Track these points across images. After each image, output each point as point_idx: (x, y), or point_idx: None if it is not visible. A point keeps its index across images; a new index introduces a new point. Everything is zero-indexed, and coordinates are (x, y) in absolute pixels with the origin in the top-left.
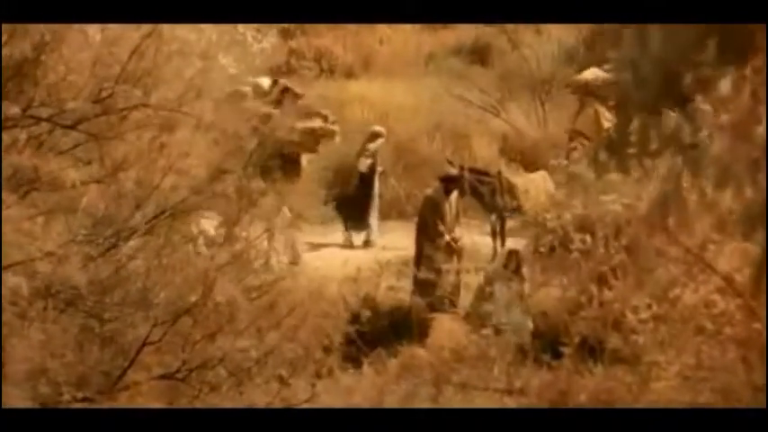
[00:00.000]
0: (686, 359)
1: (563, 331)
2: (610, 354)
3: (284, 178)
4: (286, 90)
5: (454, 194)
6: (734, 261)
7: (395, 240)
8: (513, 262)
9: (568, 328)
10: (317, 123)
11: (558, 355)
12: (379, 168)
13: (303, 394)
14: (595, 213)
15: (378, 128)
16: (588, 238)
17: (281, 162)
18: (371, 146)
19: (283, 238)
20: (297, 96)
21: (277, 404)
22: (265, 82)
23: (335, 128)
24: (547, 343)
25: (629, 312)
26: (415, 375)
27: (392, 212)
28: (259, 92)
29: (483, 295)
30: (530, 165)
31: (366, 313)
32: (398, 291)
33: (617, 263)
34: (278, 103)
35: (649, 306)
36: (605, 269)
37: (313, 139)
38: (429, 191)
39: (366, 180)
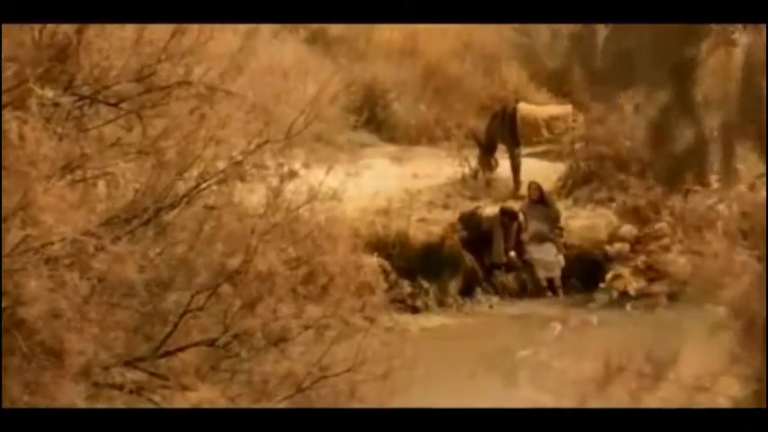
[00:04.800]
0: None
1: None
2: None
3: None
4: None
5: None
6: None
7: (425, 167)
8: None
9: None
10: None
11: None
12: None
13: (345, 362)
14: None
15: None
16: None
17: None
18: None
19: None
20: None
21: (317, 372)
22: None
23: None
24: None
25: None
26: None
27: (422, 138)
28: None
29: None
30: (557, 89)
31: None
32: (431, 224)
33: None
34: None
35: None
36: None
37: None
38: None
39: None
